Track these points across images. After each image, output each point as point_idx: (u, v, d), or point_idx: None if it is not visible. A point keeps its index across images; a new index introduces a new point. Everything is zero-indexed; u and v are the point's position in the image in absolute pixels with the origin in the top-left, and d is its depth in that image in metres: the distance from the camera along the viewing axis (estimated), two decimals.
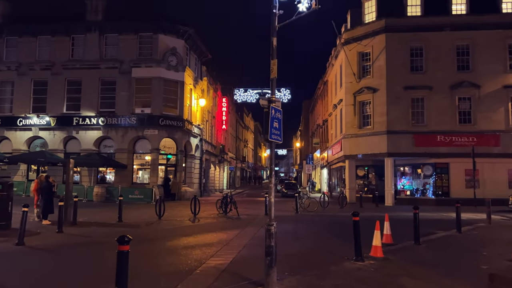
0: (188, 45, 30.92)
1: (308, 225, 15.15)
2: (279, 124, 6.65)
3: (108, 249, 9.04)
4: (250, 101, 28.75)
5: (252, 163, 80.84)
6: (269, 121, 6.37)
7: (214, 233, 12.60)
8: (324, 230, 14.03)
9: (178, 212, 19.25)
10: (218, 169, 43.11)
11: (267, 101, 6.57)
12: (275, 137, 6.51)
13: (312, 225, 15.31)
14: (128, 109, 28.05)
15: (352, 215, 8.36)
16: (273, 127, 6.45)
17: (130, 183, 27.90)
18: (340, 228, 14.39)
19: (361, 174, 30.11)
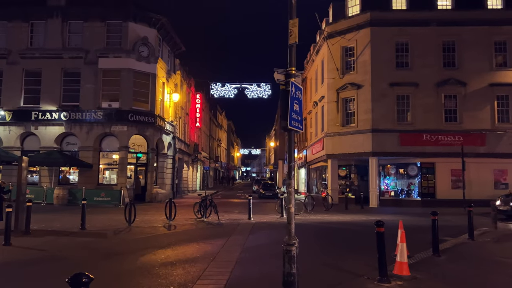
0: (160, 35, 28.74)
1: (300, 232, 13.46)
2: (300, 106, 4.95)
3: (67, 268, 7.09)
4: (228, 97, 26.89)
5: (225, 163, 78.82)
6: (288, 103, 4.65)
7: (195, 244, 10.72)
8: (322, 238, 12.41)
9: (151, 217, 17.19)
10: (192, 169, 40.98)
11: (285, 75, 4.85)
12: (295, 124, 4.83)
13: (304, 232, 13.65)
14: (94, 103, 25.61)
15: (376, 225, 6.75)
16: (293, 111, 4.75)
17: (96, 184, 25.50)
18: (338, 236, 12.84)
19: (343, 174, 28.87)
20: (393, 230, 13.38)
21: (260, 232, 13.19)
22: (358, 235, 13.04)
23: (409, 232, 13.20)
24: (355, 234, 13.39)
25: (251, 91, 26.92)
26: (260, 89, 26.97)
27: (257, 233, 12.79)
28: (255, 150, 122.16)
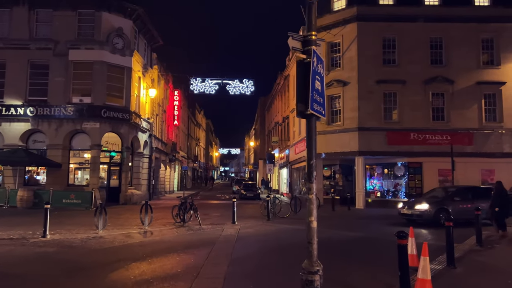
0: (137, 27, 27.07)
1: (294, 239, 12.31)
2: (322, 84, 3.74)
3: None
4: (209, 92, 25.47)
5: (204, 163, 77.10)
6: (308, 78, 3.42)
7: (175, 255, 9.36)
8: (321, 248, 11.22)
9: (125, 222, 15.67)
10: (169, 169, 39.30)
11: (302, 41, 3.62)
12: (317, 107, 3.65)
13: (299, 239, 12.48)
14: (63, 97, 23.75)
15: (398, 237, 5.59)
16: (314, 89, 3.53)
17: (66, 185, 23.65)
18: (337, 243, 11.69)
19: (327, 175, 27.91)
20: (387, 236, 12.48)
21: (247, 238, 11.92)
22: (355, 242, 11.95)
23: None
24: (351, 239, 12.30)
25: (233, 87, 25.62)
26: (242, 85, 25.69)
27: (244, 240, 11.51)
28: (235, 150, 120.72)
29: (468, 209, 14.79)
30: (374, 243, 11.65)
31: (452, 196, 15.91)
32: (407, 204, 16.56)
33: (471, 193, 16.32)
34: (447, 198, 15.88)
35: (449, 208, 15.22)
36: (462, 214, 14.88)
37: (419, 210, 15.38)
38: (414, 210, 15.56)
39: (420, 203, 15.74)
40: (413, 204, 15.98)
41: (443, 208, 15.21)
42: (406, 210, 15.95)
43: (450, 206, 15.32)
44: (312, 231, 3.64)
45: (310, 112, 3.60)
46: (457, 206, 15.36)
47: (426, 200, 16.00)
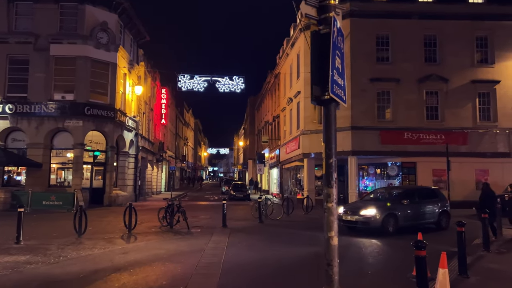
0: (122, 21, 26.05)
1: (290, 246, 11.54)
2: (342, 62, 2.98)
3: None
4: (198, 90, 24.53)
5: (192, 163, 75.97)
6: (329, 53, 2.66)
7: (160, 263, 8.51)
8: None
9: (107, 225, 14.74)
10: (156, 169, 38.24)
11: (316, 7, 2.91)
12: (338, 90, 2.91)
13: (296, 244, 11.72)
14: (45, 94, 22.64)
15: (416, 247, 4.86)
16: (334, 68, 2.77)
17: (47, 186, 22.57)
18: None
19: (319, 175, 27.17)
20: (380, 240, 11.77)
21: (240, 244, 11.11)
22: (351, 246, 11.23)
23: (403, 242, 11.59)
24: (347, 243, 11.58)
25: (222, 84, 24.73)
26: (232, 83, 24.82)
27: (236, 246, 10.70)
28: (223, 150, 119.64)
29: (416, 214, 13.73)
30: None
31: (400, 198, 13.92)
32: (350, 209, 13.96)
33: (418, 194, 14.74)
34: (395, 201, 13.81)
35: (397, 213, 13.27)
36: (410, 220, 13.57)
37: (365, 217, 12.96)
38: (360, 217, 13.07)
39: (366, 207, 13.29)
40: (357, 209, 13.45)
41: (392, 213, 13.12)
42: (349, 216, 13.42)
43: (399, 211, 13.34)
44: (332, 250, 2.88)
45: (330, 96, 2.86)
46: (406, 211, 13.52)
47: (372, 204, 13.63)
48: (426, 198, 14.60)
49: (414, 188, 15.64)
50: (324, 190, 3.09)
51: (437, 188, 16.70)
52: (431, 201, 14.59)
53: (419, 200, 14.18)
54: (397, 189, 16.27)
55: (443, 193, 15.95)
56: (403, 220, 13.21)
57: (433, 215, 14.27)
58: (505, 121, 24.13)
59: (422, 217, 13.94)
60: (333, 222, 2.95)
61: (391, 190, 16.02)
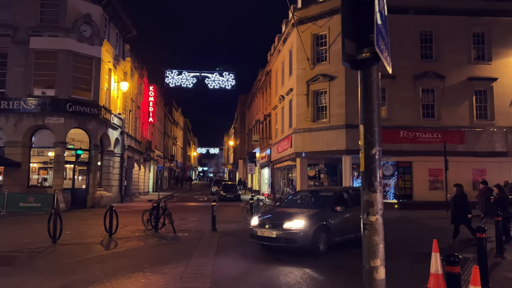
0: (107, 14, 24.91)
1: (286, 253, 10.59)
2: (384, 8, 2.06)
3: None
4: (186, 86, 23.45)
5: (181, 163, 74.69)
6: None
7: (141, 274, 7.52)
8: None
9: (87, 229, 13.67)
10: (143, 168, 37.06)
11: None
12: (383, 45, 1.95)
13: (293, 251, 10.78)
14: (23, 89, 21.43)
15: (447, 261, 3.99)
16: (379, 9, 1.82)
17: (26, 186, 21.36)
18: None
19: (312, 174, 26.40)
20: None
21: (230, 250, 10.16)
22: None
23: (404, 245, 10.73)
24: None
25: (212, 80, 23.71)
26: (222, 79, 23.82)
27: (226, 253, 9.75)
28: (213, 149, 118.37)
29: (352, 224, 9.96)
30: None
31: (332, 204, 10.34)
32: (268, 220, 9.94)
33: (353, 198, 11.04)
34: (326, 208, 10.29)
35: (330, 224, 9.80)
36: (345, 232, 10.18)
37: (290, 231, 9.15)
38: (282, 232, 9.25)
39: (291, 217, 9.59)
40: (279, 220, 9.65)
41: (324, 225, 9.60)
42: (267, 231, 9.53)
43: (332, 221, 9.90)
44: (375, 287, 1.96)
45: (374, 51, 1.97)
46: (340, 221, 10.13)
47: (299, 213, 9.98)
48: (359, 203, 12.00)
49: (347, 189, 12.18)
50: (363, 196, 2.17)
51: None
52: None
53: (352, 206, 10.59)
54: (327, 190, 12.69)
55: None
56: (338, 234, 9.89)
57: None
58: (502, 120, 23.56)
59: (357, 229, 10.65)
60: (378, 245, 2.05)
61: (318, 192, 12.31)
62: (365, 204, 2.15)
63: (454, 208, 11.50)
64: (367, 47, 2.11)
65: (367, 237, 2.08)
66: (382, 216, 2.11)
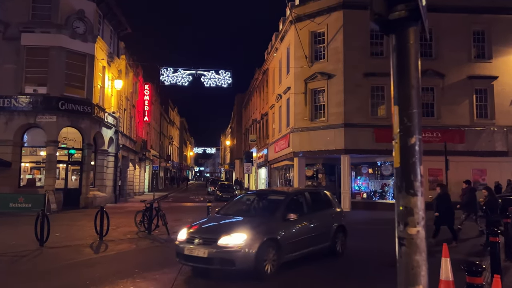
0: (101, 11, 24.37)
1: None
2: None
3: None
4: (182, 84, 22.97)
5: (178, 163, 74.12)
6: None
7: (130, 280, 7.04)
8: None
9: (78, 231, 13.20)
10: (139, 168, 36.54)
11: None
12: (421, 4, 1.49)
13: None
14: (15, 87, 20.86)
15: (469, 273, 3.55)
16: None
17: (16, 186, 20.81)
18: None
19: (310, 174, 25.98)
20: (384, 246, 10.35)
21: None
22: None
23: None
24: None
25: (208, 78, 23.24)
26: (219, 77, 23.35)
27: None
28: (210, 149, 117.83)
29: (307, 236, 8.30)
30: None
31: (283, 211, 8.14)
32: (199, 233, 7.62)
33: (307, 203, 9.16)
34: (275, 215, 8.09)
35: (280, 237, 7.63)
36: (299, 247, 8.07)
37: (227, 249, 7.00)
38: (217, 250, 7.02)
39: (229, 230, 7.37)
40: (213, 233, 7.48)
41: (273, 239, 7.46)
42: (196, 249, 7.20)
43: (283, 234, 7.73)
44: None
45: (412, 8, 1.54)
46: (292, 233, 8.03)
47: (240, 223, 7.81)
48: (317, 209, 9.26)
49: (302, 191, 9.92)
50: (399, 201, 1.71)
51: (319, 190, 12.21)
52: (324, 212, 9.41)
53: (309, 212, 8.88)
54: (278, 193, 10.07)
55: (334, 199, 10.50)
56: (290, 249, 7.78)
57: (327, 235, 8.98)
58: (503, 119, 23.24)
59: (313, 241, 8.51)
60: (420, 267, 1.59)
61: (267, 195, 10.13)
62: (402, 212, 1.69)
63: (437, 208, 11.17)
64: (402, 2, 1.67)
65: (404, 256, 1.62)
66: (424, 227, 1.66)
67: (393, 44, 1.84)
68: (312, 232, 8.54)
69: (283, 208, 8.22)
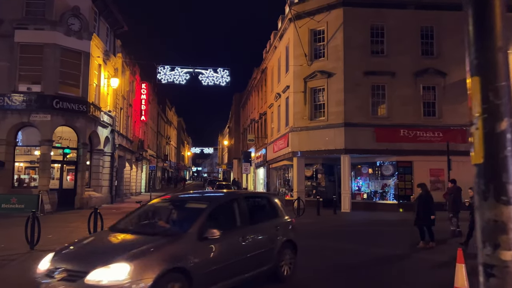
0: (97, 8, 23.96)
1: None
2: None
3: None
4: (179, 82, 22.59)
5: (175, 163, 73.64)
6: None
7: None
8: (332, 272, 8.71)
9: (71, 233, 12.77)
10: (135, 168, 36.09)
11: None
12: None
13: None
14: (8, 85, 20.44)
15: None
16: None
17: (10, 186, 20.41)
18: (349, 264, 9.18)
19: (309, 175, 25.61)
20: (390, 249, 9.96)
21: None
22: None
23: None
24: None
25: (206, 77, 22.85)
26: (217, 75, 22.96)
27: None
28: (208, 149, 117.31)
29: (237, 260, 6.01)
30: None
31: (202, 226, 5.69)
32: (64, 261, 5.12)
33: (242, 212, 6.71)
34: (187, 232, 5.63)
35: (192, 262, 5.29)
36: (223, 276, 5.72)
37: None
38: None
39: (107, 260, 4.75)
40: (85, 264, 4.87)
41: (177, 269, 5.07)
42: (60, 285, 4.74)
43: (197, 258, 5.41)
44: None
45: None
46: (213, 254, 5.70)
47: (126, 246, 5.52)
48: (257, 219, 7.06)
49: (230, 197, 7.29)
50: (484, 211, 1.25)
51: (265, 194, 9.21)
52: (266, 224, 7.18)
53: (243, 225, 6.61)
54: (197, 200, 7.24)
55: (281, 206, 8.03)
56: (208, 282, 5.48)
57: (269, 254, 6.75)
58: None
59: (248, 265, 6.29)
60: None
61: (185, 202, 7.37)
62: (490, 228, 1.20)
63: (418, 209, 10.94)
64: None
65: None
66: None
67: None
68: (246, 252, 6.19)
69: (200, 222, 5.67)
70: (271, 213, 7.61)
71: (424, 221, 10.81)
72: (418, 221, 10.95)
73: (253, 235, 6.59)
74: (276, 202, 7.97)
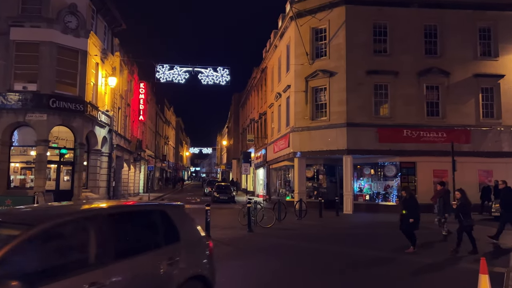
0: (94, 6, 23.47)
1: (297, 266, 9.39)
2: None
3: None
4: (178, 81, 22.16)
5: (173, 163, 73.18)
6: None
7: None
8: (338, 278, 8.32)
9: None
10: (133, 168, 35.62)
11: None
12: None
13: (303, 264, 9.57)
14: (3, 84, 19.93)
15: None
16: None
17: (5, 188, 19.90)
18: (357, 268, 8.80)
19: (310, 175, 25.23)
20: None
21: (229, 263, 8.90)
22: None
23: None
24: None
25: (205, 76, 22.44)
26: (217, 74, 22.54)
27: (223, 267, 8.46)
28: (206, 149, 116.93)
29: None
30: None
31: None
32: None
33: (94, 236, 3.89)
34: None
35: None
36: None
37: None
38: None
39: None
40: None
41: None
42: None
43: None
44: None
45: None
46: None
47: None
48: (131, 251, 4.27)
49: (84, 214, 4.22)
50: None
51: (172, 209, 5.38)
52: (150, 256, 4.45)
53: (100, 263, 3.79)
54: (8, 222, 3.77)
55: (192, 222, 5.71)
56: None
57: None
58: (510, 118, 22.64)
59: None
60: None
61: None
62: None
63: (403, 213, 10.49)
64: None
65: None
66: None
67: None
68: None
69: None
70: (163, 237, 4.93)
71: (407, 225, 10.34)
72: (402, 225, 10.54)
73: (119, 277, 3.91)
74: (176, 218, 5.14)
